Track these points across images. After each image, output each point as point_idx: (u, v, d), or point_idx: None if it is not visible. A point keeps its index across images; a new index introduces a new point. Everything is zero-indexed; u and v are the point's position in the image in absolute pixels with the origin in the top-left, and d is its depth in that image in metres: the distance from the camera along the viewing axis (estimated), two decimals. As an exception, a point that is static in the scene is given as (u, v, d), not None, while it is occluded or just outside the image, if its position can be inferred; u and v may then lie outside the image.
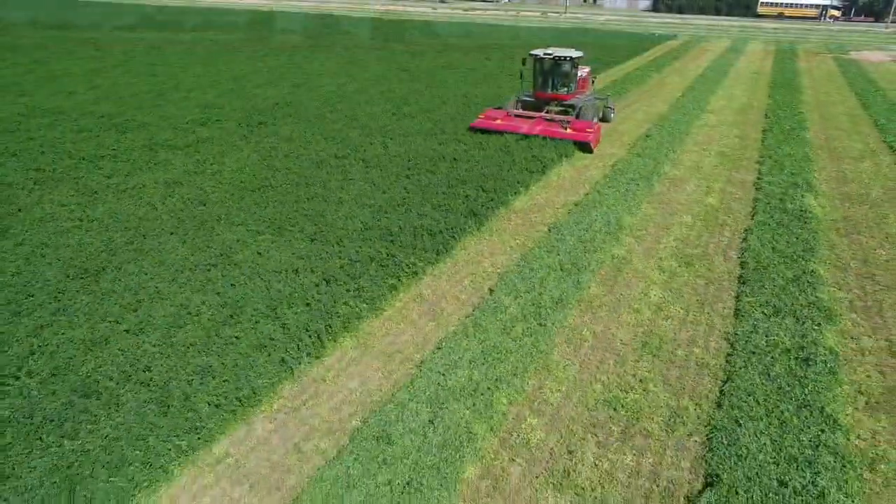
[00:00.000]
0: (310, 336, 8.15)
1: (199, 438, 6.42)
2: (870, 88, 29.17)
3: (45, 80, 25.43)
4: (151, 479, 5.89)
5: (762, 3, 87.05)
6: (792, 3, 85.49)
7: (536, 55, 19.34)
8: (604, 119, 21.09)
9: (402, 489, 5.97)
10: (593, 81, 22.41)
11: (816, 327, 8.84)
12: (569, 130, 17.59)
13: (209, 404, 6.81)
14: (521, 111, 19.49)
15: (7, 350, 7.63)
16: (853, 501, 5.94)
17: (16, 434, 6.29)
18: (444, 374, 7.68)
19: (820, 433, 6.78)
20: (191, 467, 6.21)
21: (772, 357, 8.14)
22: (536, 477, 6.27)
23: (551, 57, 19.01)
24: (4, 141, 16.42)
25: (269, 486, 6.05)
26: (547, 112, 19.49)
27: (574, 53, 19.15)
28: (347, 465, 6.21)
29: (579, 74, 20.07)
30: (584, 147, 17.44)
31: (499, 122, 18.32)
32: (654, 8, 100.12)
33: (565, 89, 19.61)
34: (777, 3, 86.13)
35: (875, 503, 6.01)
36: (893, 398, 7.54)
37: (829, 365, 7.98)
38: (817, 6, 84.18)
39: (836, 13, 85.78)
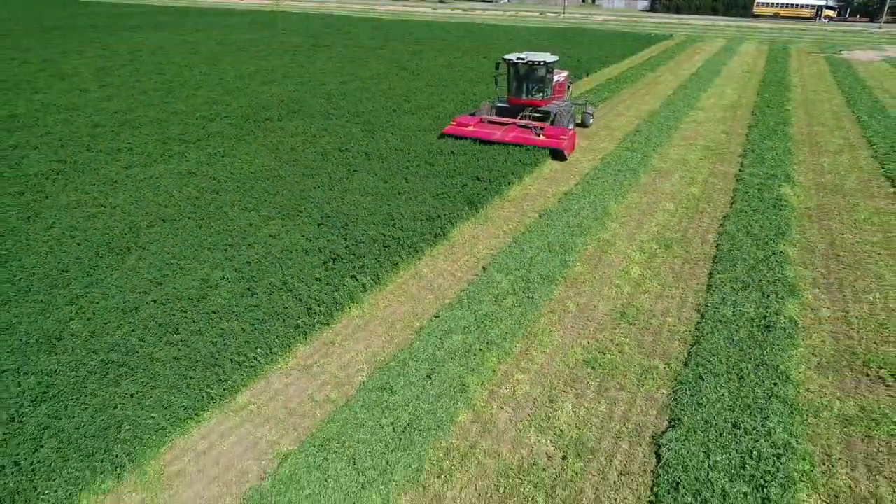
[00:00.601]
0: (319, 306, 9.03)
1: (224, 389, 7.30)
2: (857, 86, 30.02)
3: (56, 79, 26.33)
4: (185, 420, 6.78)
5: (758, 3, 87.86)
6: (787, 4, 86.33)
7: (510, 60, 18.55)
8: (582, 124, 21.08)
9: (404, 429, 6.85)
10: (569, 87, 22.19)
11: (780, 300, 9.72)
12: (542, 137, 17.20)
13: (232, 361, 7.69)
14: (494, 117, 18.96)
15: (49, 316, 8.52)
16: (797, 441, 6.82)
17: (65, 383, 7.17)
18: (440, 339, 8.56)
19: (773, 386, 7.66)
20: (218, 412, 7.10)
21: (737, 325, 9.03)
22: (521, 421, 7.16)
23: (525, 62, 18.36)
24: (25, 135, 17.32)
25: (287, 427, 6.93)
26: (522, 118, 18.95)
27: (549, 58, 18.59)
28: (355, 410, 7.10)
29: (555, 79, 19.63)
30: (558, 154, 17.17)
31: (471, 128, 17.91)
32: (652, 8, 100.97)
33: (540, 95, 19.02)
34: (773, 4, 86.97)
35: (815, 441, 6.89)
36: (843, 359, 8.42)
37: (787, 331, 8.87)
38: (812, 6, 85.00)
39: (832, 13, 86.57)
